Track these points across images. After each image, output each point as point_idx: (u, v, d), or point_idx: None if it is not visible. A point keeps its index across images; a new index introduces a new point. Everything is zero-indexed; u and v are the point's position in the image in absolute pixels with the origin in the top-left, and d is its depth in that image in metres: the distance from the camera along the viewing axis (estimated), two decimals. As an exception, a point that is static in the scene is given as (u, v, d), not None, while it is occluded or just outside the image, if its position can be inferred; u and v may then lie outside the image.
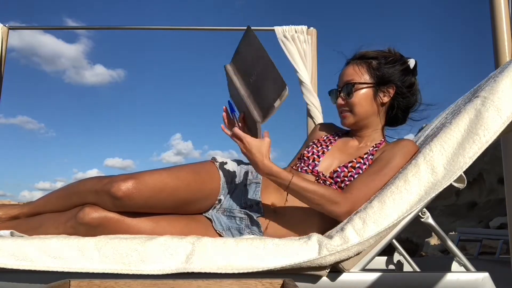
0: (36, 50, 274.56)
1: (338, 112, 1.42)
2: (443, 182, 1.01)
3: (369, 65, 1.37)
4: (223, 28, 2.57)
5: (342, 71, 1.41)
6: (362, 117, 1.36)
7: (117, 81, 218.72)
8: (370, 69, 1.36)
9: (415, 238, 8.65)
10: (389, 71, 1.35)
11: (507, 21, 1.33)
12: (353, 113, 1.36)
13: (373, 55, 1.38)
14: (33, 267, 0.93)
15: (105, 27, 2.62)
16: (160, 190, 1.15)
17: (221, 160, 1.38)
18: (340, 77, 1.41)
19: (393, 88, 1.36)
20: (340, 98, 1.38)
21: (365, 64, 1.37)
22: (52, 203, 1.25)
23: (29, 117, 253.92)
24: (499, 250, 5.91)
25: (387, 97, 1.36)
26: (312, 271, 0.95)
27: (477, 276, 0.99)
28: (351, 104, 1.35)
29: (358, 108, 1.35)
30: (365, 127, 1.39)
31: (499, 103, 1.04)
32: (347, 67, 1.40)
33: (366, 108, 1.35)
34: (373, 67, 1.36)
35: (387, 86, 1.35)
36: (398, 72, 1.36)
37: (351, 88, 1.35)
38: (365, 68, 1.36)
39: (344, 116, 1.39)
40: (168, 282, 0.67)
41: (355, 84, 1.34)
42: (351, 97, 1.35)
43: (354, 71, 1.37)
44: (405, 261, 1.58)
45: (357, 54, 1.41)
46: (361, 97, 1.34)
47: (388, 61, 1.37)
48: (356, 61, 1.40)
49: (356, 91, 1.34)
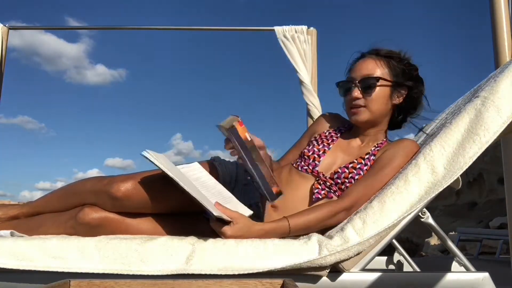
0: (37, 50, 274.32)
1: (347, 106, 1.35)
2: (443, 182, 1.01)
3: (389, 63, 1.32)
4: (224, 28, 2.57)
5: (359, 62, 1.34)
6: (376, 115, 1.32)
7: (119, 81, 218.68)
8: (391, 67, 1.32)
9: (415, 238, 8.65)
10: (406, 73, 1.33)
11: (507, 21, 1.33)
12: (369, 110, 1.30)
13: (393, 54, 1.34)
14: (33, 267, 0.93)
15: (106, 27, 2.62)
16: (160, 190, 1.15)
17: (220, 160, 1.38)
18: (357, 68, 1.33)
19: (406, 91, 1.34)
20: (356, 91, 1.30)
21: (385, 60, 1.32)
22: (52, 203, 1.25)
23: (30, 117, 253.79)
24: (499, 250, 5.91)
25: (400, 99, 1.34)
26: (312, 271, 0.95)
27: (477, 276, 0.99)
28: (368, 100, 1.29)
29: (375, 105, 1.30)
30: (374, 126, 1.35)
31: (499, 103, 1.04)
32: (365, 59, 1.34)
33: (382, 106, 1.32)
34: (393, 65, 1.32)
35: (401, 87, 1.33)
36: (413, 76, 1.34)
37: (374, 82, 1.28)
38: (386, 64, 1.32)
39: (356, 112, 1.31)
40: (168, 282, 0.67)
41: (379, 79, 1.29)
42: (370, 93, 1.29)
43: (376, 65, 1.31)
44: (405, 261, 1.58)
45: (376, 49, 1.36)
46: (380, 94, 1.30)
47: (405, 63, 1.34)
48: (375, 56, 1.34)
49: (377, 87, 1.29)
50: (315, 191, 1.26)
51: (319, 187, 1.27)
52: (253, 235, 1.04)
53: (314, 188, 1.27)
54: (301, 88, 2.35)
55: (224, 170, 1.35)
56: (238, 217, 1.04)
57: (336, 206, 1.14)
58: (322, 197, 1.25)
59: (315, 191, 1.26)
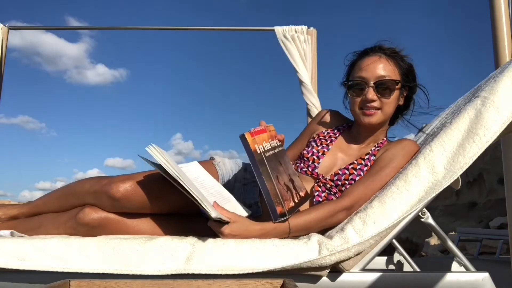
0: (38, 50, 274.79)
1: (357, 106, 1.30)
2: (443, 182, 1.01)
3: (398, 63, 1.30)
4: (225, 28, 2.57)
5: (369, 61, 1.29)
6: (387, 118, 1.31)
7: (120, 81, 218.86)
8: (401, 68, 1.30)
9: (415, 238, 8.65)
10: (410, 72, 1.33)
11: (507, 21, 1.33)
12: (383, 112, 1.28)
13: (397, 52, 1.32)
14: (33, 267, 0.93)
15: (107, 27, 2.62)
16: (159, 190, 1.15)
17: (220, 159, 1.38)
18: (369, 68, 1.27)
19: (407, 91, 1.34)
20: (371, 92, 1.25)
21: (394, 60, 1.30)
22: (51, 203, 1.25)
23: (30, 117, 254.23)
24: (499, 250, 5.92)
25: (403, 99, 1.34)
26: (312, 271, 0.95)
27: (477, 276, 0.99)
28: (384, 103, 1.27)
29: (389, 108, 1.29)
30: (380, 127, 1.34)
31: (499, 103, 1.04)
32: (375, 58, 1.29)
33: (393, 109, 1.31)
34: (401, 66, 1.30)
35: (405, 88, 1.33)
36: (414, 76, 1.34)
37: (393, 86, 1.26)
38: (396, 65, 1.29)
39: (370, 114, 1.28)
40: (168, 282, 0.67)
41: (398, 82, 1.27)
42: (387, 96, 1.26)
43: (391, 67, 1.28)
44: (405, 261, 1.58)
45: (381, 47, 1.33)
46: (395, 97, 1.28)
47: (408, 64, 1.33)
48: (383, 55, 1.30)
49: (395, 90, 1.27)
50: (316, 194, 1.26)
51: (319, 189, 1.27)
52: (252, 235, 1.03)
53: (314, 191, 1.27)
54: (301, 88, 2.35)
55: (224, 170, 1.35)
56: (235, 217, 1.04)
57: (336, 205, 1.13)
58: (323, 199, 1.25)
59: (315, 194, 1.26)
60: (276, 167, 1.10)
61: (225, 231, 1.01)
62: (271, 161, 1.08)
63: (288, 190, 1.12)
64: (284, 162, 1.17)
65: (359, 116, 1.31)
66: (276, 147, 1.14)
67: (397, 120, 1.43)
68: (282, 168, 1.14)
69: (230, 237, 1.01)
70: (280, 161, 1.14)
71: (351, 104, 1.34)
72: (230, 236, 1.01)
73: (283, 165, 1.15)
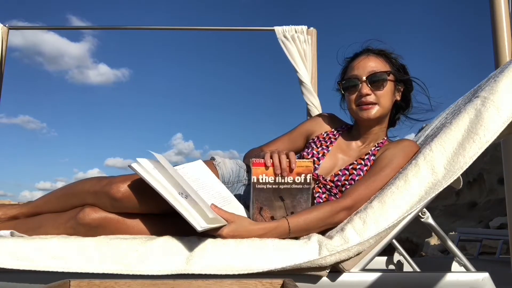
0: (39, 49, 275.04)
1: (354, 103, 1.32)
2: (443, 182, 1.01)
3: (390, 59, 1.34)
4: (225, 28, 2.57)
5: (359, 61, 1.33)
6: (386, 111, 1.33)
7: (122, 81, 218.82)
8: (392, 63, 1.34)
9: (415, 238, 8.66)
10: (402, 68, 1.36)
11: (507, 21, 1.33)
12: (381, 106, 1.30)
13: (387, 52, 1.36)
14: (33, 267, 0.93)
15: (109, 27, 2.62)
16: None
17: (220, 159, 1.38)
18: (360, 66, 1.31)
19: (403, 88, 1.36)
20: (365, 87, 1.28)
21: (384, 58, 1.34)
22: (51, 203, 1.25)
23: (31, 117, 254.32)
24: (499, 250, 5.92)
25: (399, 95, 1.36)
26: (312, 272, 0.94)
27: (477, 276, 0.99)
28: (379, 95, 1.29)
29: (385, 101, 1.30)
30: (379, 123, 1.35)
31: (499, 103, 1.04)
32: (365, 58, 1.33)
33: (389, 102, 1.33)
34: (392, 62, 1.34)
35: (400, 84, 1.35)
36: (408, 73, 1.36)
37: (384, 77, 1.29)
38: (387, 60, 1.33)
39: (367, 108, 1.29)
40: (168, 282, 0.67)
41: (389, 73, 1.30)
42: (381, 88, 1.29)
43: (380, 62, 1.32)
44: (405, 261, 1.58)
45: (369, 49, 1.36)
46: (389, 89, 1.31)
47: (400, 63, 1.36)
48: (372, 54, 1.34)
49: (388, 81, 1.29)
50: (316, 195, 1.26)
51: (319, 190, 1.27)
52: (252, 235, 1.03)
53: (314, 192, 1.27)
54: (301, 88, 2.35)
55: (224, 170, 1.35)
56: (233, 217, 1.04)
57: (336, 205, 1.13)
58: (323, 201, 1.26)
59: (316, 195, 1.26)
60: (268, 201, 1.13)
61: (223, 232, 1.01)
62: (262, 192, 1.12)
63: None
64: (293, 200, 1.15)
65: (357, 113, 1.32)
66: (286, 183, 1.13)
67: (397, 121, 1.44)
68: (280, 203, 1.14)
69: (229, 237, 1.01)
70: (283, 196, 1.14)
71: (348, 103, 1.35)
72: (229, 236, 1.01)
73: (286, 201, 1.15)
